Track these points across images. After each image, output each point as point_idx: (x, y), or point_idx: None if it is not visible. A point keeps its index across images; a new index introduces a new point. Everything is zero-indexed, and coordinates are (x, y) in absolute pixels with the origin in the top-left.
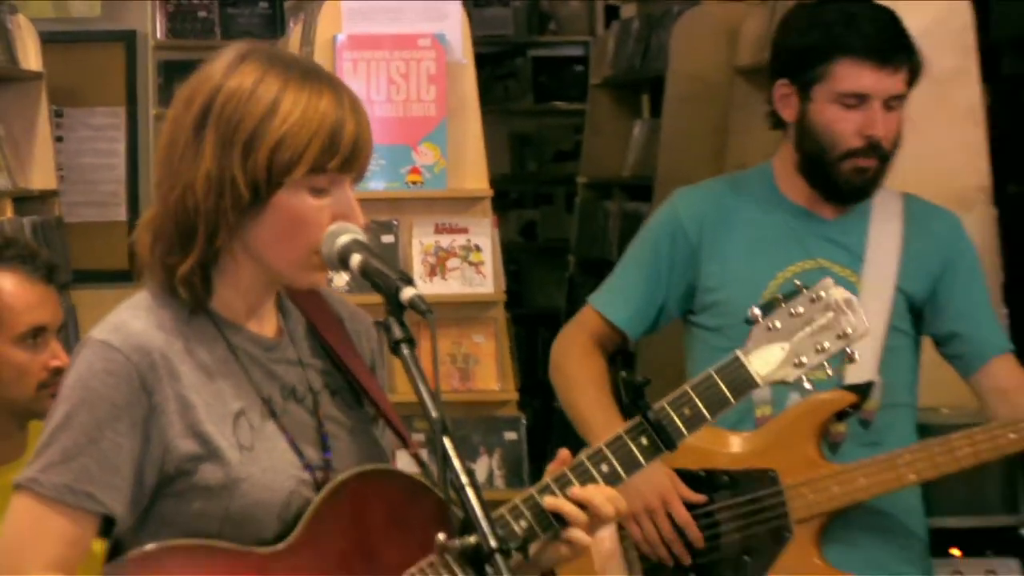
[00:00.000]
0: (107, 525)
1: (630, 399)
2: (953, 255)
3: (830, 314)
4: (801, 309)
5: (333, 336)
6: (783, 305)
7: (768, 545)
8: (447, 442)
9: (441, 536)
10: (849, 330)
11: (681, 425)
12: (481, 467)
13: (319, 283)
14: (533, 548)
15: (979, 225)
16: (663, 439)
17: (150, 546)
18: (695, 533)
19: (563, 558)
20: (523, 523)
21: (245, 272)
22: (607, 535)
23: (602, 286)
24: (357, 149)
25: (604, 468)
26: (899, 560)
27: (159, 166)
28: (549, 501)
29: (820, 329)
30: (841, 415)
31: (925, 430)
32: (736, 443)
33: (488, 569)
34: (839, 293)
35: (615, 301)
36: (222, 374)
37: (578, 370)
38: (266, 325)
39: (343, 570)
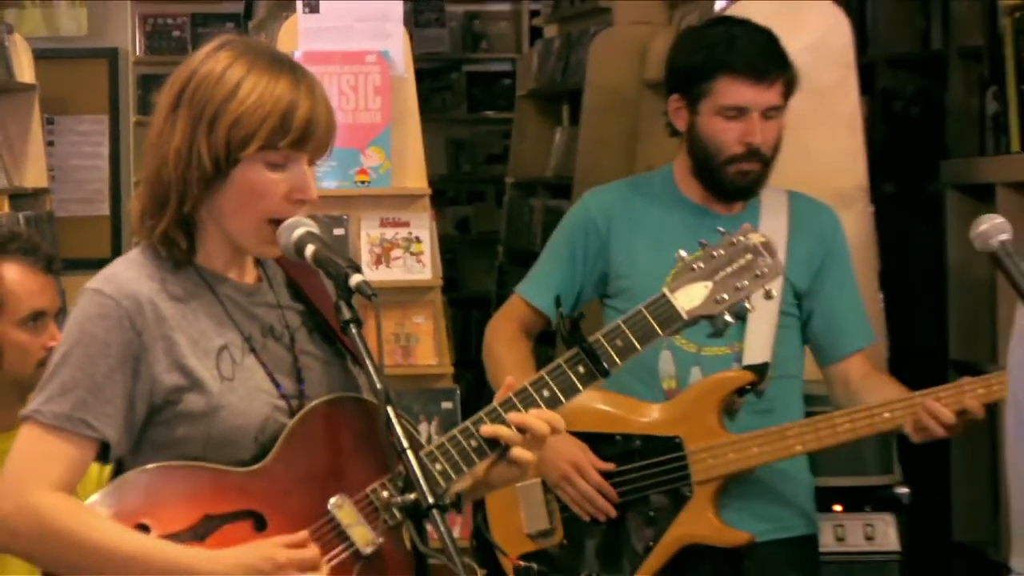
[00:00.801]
0: (104, 451)
1: (568, 331)
2: (830, 252)
3: (748, 256)
4: (722, 251)
5: (309, 285)
6: (706, 248)
7: (671, 503)
8: (390, 410)
9: (384, 493)
10: (765, 270)
11: (614, 354)
12: (422, 431)
13: (272, 254)
14: (481, 469)
15: (858, 220)
16: (597, 367)
17: (145, 467)
18: (608, 491)
19: (513, 477)
20: (474, 442)
21: (216, 234)
22: (532, 494)
23: (527, 276)
24: (309, 129)
25: (545, 393)
26: (788, 515)
27: (147, 141)
28: (485, 429)
29: (739, 269)
30: (740, 391)
31: (809, 399)
32: (647, 412)
33: (426, 523)
34: (756, 237)
35: (538, 289)
36: (206, 316)
37: (506, 354)
38: (246, 274)
39: (312, 486)
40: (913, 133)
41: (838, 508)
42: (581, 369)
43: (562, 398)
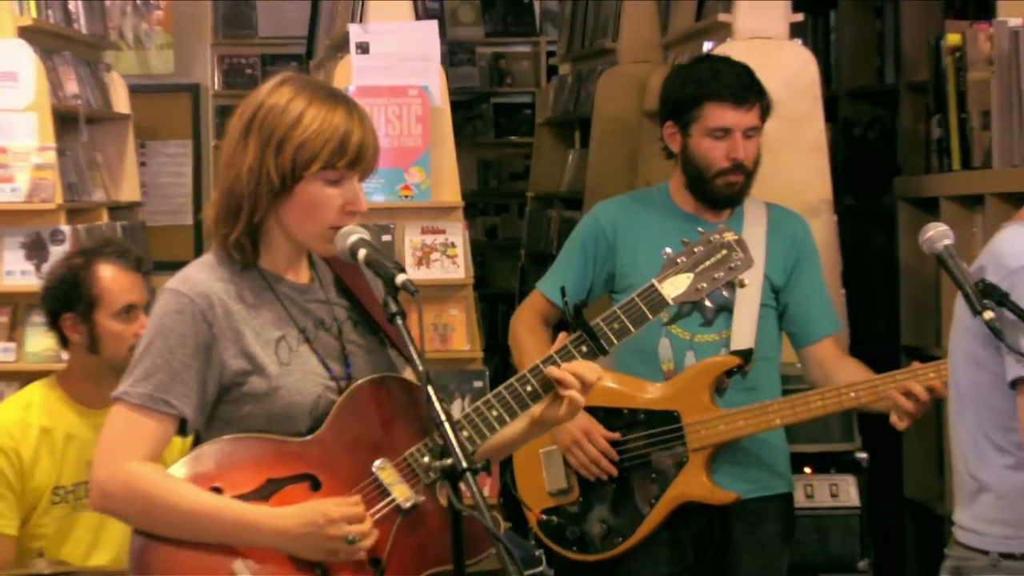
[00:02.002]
0: (182, 426)
1: (572, 316)
2: (802, 254)
3: (724, 251)
4: (701, 248)
5: (354, 283)
6: (688, 245)
7: (670, 466)
8: (430, 389)
9: (425, 458)
10: (738, 263)
11: (611, 335)
12: (455, 408)
13: (331, 252)
14: (538, 409)
15: (824, 228)
16: (597, 346)
17: (217, 439)
18: (612, 455)
19: (561, 418)
20: (529, 388)
21: (280, 240)
22: (552, 457)
23: (545, 275)
24: (361, 153)
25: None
26: (768, 477)
27: (221, 162)
28: (551, 370)
29: (716, 263)
30: (729, 373)
31: (785, 379)
32: (649, 390)
33: (461, 484)
34: (731, 236)
35: (555, 285)
36: (267, 311)
37: (528, 340)
38: (301, 275)
39: (358, 452)
40: (870, 155)
41: (808, 470)
42: (584, 348)
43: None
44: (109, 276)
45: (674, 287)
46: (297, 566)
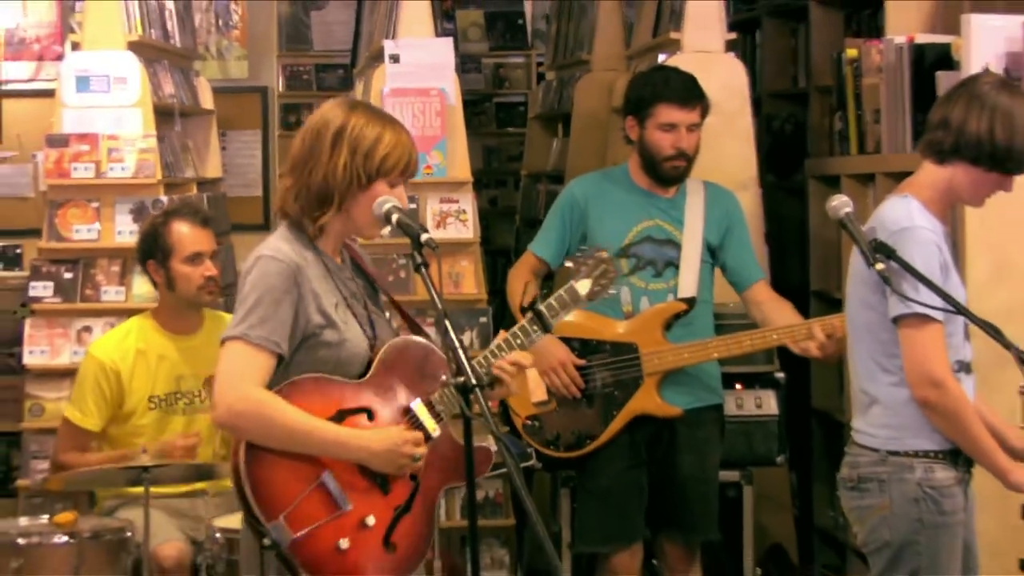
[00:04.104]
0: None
1: (529, 307)
2: (733, 220)
3: (603, 266)
4: (591, 262)
5: (364, 263)
6: (582, 258)
7: (629, 386)
8: (447, 322)
9: (444, 376)
10: (611, 276)
11: (551, 317)
12: (466, 338)
13: (377, 236)
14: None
15: (751, 199)
16: (545, 325)
17: (297, 377)
18: (579, 382)
19: (507, 393)
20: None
21: (338, 226)
22: (535, 377)
23: (536, 237)
24: (415, 168)
25: (518, 341)
26: (704, 392)
27: (298, 160)
28: (496, 364)
29: (600, 274)
30: (676, 315)
31: (718, 316)
32: (614, 327)
33: (471, 397)
34: (604, 255)
35: (542, 245)
36: (326, 282)
37: (520, 288)
38: (337, 257)
39: (398, 392)
40: (786, 143)
41: (738, 386)
42: (535, 327)
43: (526, 344)
44: (181, 230)
45: (583, 288)
46: (367, 476)
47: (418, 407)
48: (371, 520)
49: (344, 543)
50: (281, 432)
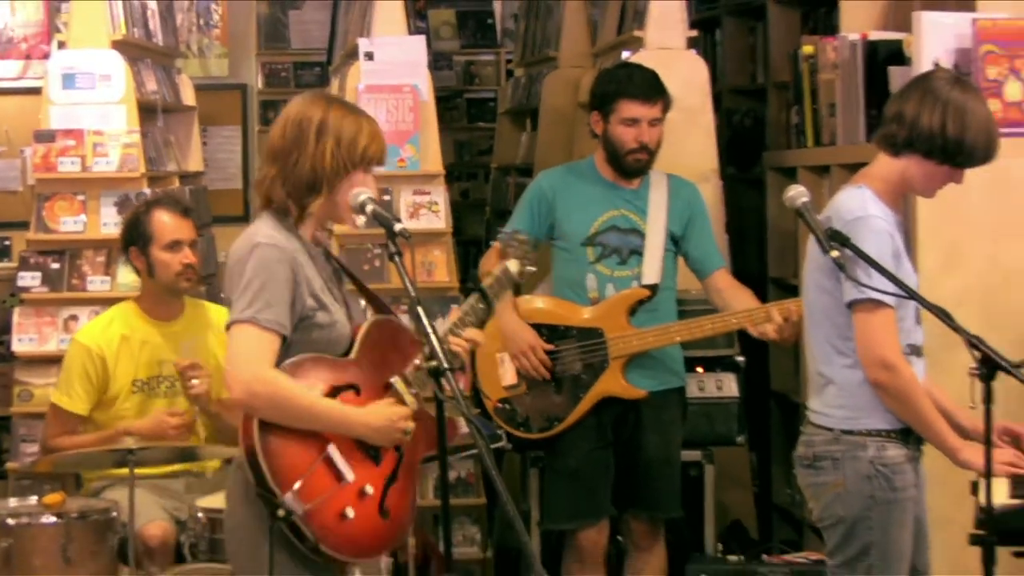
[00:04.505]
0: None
1: (474, 287)
2: (694, 210)
3: (524, 246)
4: (515, 244)
5: (330, 251)
6: (514, 244)
7: (595, 370)
8: (420, 309)
9: (417, 360)
10: (531, 253)
11: (492, 296)
12: (438, 324)
13: (353, 221)
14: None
15: (712, 190)
16: (488, 304)
17: (294, 358)
18: (548, 364)
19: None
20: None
21: (322, 211)
22: (506, 361)
23: (505, 226)
24: (386, 155)
25: (469, 319)
26: (668, 375)
27: (281, 151)
28: (453, 340)
29: (523, 253)
30: (640, 301)
31: (681, 302)
32: (580, 312)
33: (442, 380)
34: (523, 237)
35: None
36: (310, 266)
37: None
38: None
39: (380, 370)
40: (746, 136)
41: (700, 369)
42: (481, 305)
43: (477, 322)
44: (162, 219)
45: (514, 267)
46: (362, 449)
47: (398, 383)
48: (370, 489)
49: (349, 512)
50: (295, 410)
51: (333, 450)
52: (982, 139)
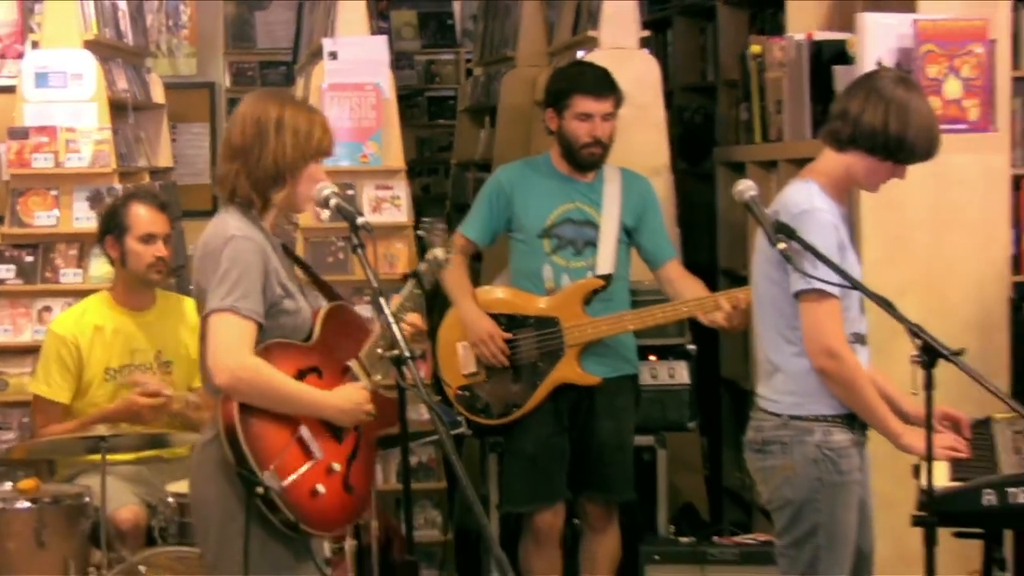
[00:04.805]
0: None
1: (412, 275)
2: (647, 203)
3: (444, 234)
4: (437, 231)
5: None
6: (436, 231)
7: (552, 358)
8: (382, 300)
9: (380, 350)
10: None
11: (426, 282)
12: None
13: (315, 212)
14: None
15: (664, 184)
16: (424, 289)
17: (263, 344)
18: (507, 351)
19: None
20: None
21: (283, 202)
22: (467, 347)
23: (464, 220)
24: (334, 145)
25: (409, 304)
26: (621, 362)
27: (242, 148)
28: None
29: (443, 240)
30: (595, 291)
31: (634, 292)
32: (537, 303)
33: (403, 368)
34: (441, 226)
35: (471, 227)
36: (274, 256)
37: (451, 267)
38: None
39: (338, 353)
40: (696, 132)
41: (653, 357)
42: (417, 291)
43: (414, 307)
44: (138, 212)
45: (440, 253)
46: (327, 429)
47: (355, 366)
48: (336, 466)
49: (320, 487)
50: (275, 395)
51: (304, 430)
52: (923, 137)
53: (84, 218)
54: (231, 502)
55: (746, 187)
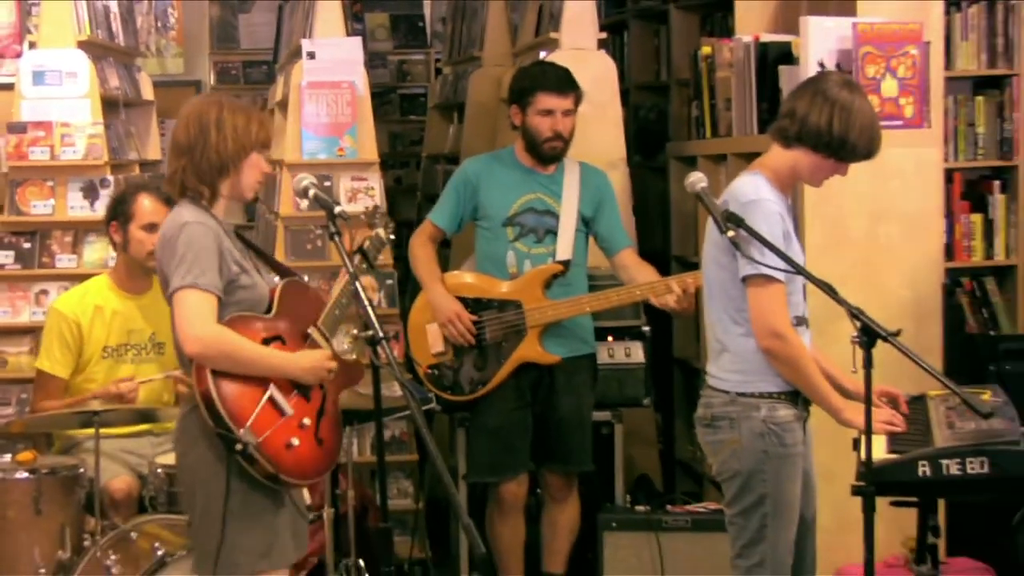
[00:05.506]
0: None
1: (357, 251)
2: (604, 195)
3: (384, 217)
4: (377, 216)
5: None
6: (377, 216)
7: (515, 338)
8: (358, 284)
9: (354, 331)
10: (386, 219)
11: (371, 258)
12: (374, 297)
13: (252, 196)
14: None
15: (620, 177)
16: (371, 265)
17: (227, 317)
18: (473, 331)
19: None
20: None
21: (229, 190)
22: (434, 331)
23: (433, 208)
24: (271, 138)
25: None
26: (580, 343)
27: (186, 145)
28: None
29: (384, 223)
30: (555, 275)
31: (591, 277)
32: (501, 286)
33: (378, 348)
34: (381, 210)
35: (440, 215)
36: (228, 239)
37: (421, 253)
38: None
39: (298, 323)
40: (651, 128)
41: (610, 338)
42: (364, 265)
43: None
44: (144, 202)
45: (383, 233)
46: (295, 388)
47: (315, 332)
48: (307, 421)
49: (295, 440)
50: (243, 359)
51: (274, 390)
52: (865, 137)
53: (78, 207)
54: (213, 462)
55: (697, 179)
